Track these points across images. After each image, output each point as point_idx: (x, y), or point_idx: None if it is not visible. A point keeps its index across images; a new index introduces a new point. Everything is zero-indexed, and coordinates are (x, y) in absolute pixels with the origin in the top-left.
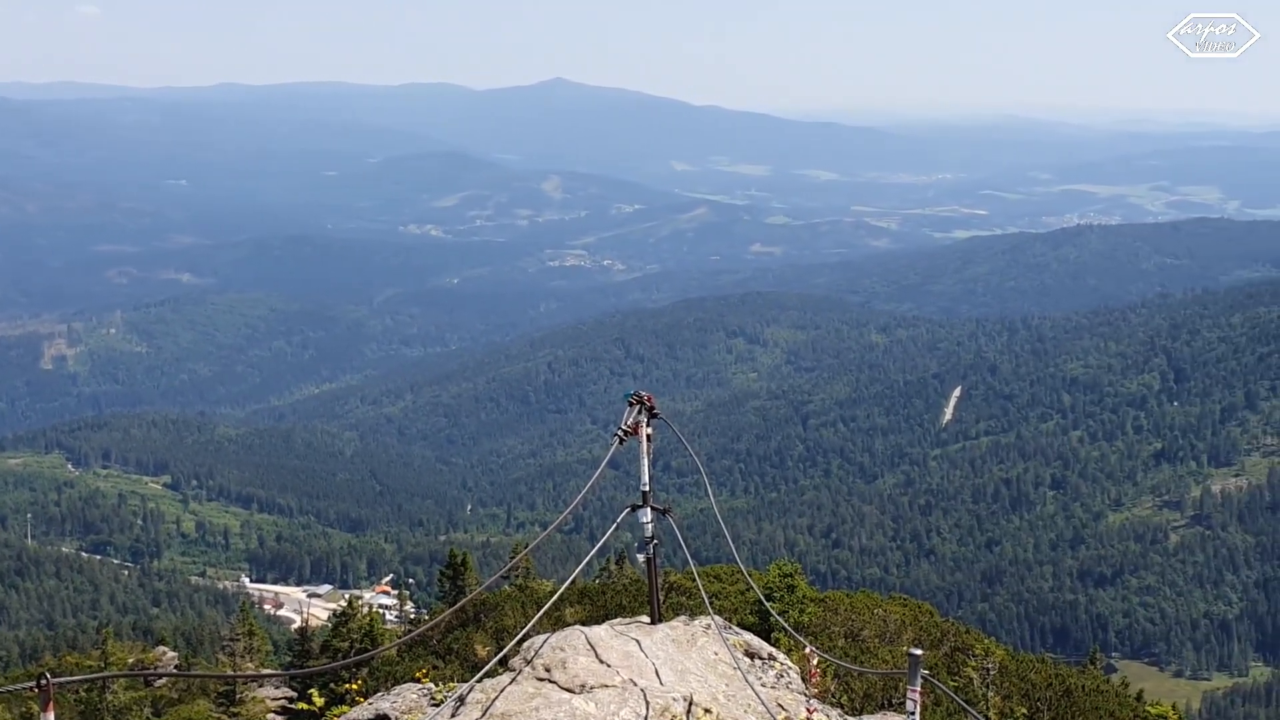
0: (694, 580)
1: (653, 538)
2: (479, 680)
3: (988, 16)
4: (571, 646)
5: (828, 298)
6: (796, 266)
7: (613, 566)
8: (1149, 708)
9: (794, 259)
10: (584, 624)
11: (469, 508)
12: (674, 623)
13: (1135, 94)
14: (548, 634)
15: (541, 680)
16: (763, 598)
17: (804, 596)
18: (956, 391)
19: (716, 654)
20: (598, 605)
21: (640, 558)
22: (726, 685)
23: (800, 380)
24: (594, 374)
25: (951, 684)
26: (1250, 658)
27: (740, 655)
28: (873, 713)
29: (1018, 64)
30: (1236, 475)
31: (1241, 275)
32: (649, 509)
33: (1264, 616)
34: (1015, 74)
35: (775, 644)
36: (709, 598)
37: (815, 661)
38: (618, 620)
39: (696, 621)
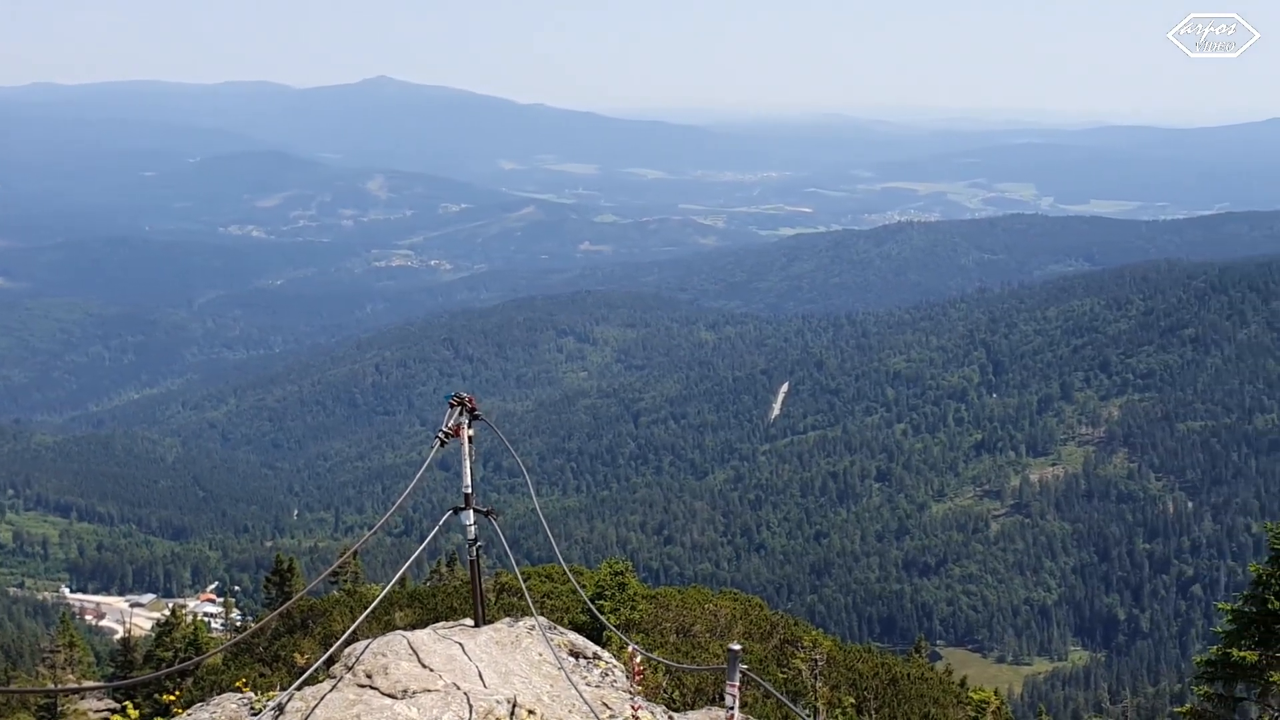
0: (524, 581)
1: (476, 540)
2: (299, 688)
3: (808, 17)
4: (393, 651)
5: (657, 296)
6: (626, 265)
7: (443, 569)
8: (972, 694)
9: (623, 257)
10: (414, 627)
11: (295, 512)
12: (498, 625)
13: (952, 93)
14: (369, 639)
15: (363, 686)
16: (586, 598)
17: (635, 594)
18: (784, 387)
19: (541, 655)
20: (428, 608)
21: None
22: (551, 686)
23: (631, 378)
24: (422, 375)
25: (781, 676)
26: (1069, 642)
27: (565, 655)
28: (704, 707)
29: (838, 64)
30: (1053, 464)
31: (1055, 269)
32: (472, 511)
33: (1081, 601)
34: (836, 74)
35: (607, 642)
36: (542, 598)
37: (639, 659)
38: (440, 624)
39: (521, 623)
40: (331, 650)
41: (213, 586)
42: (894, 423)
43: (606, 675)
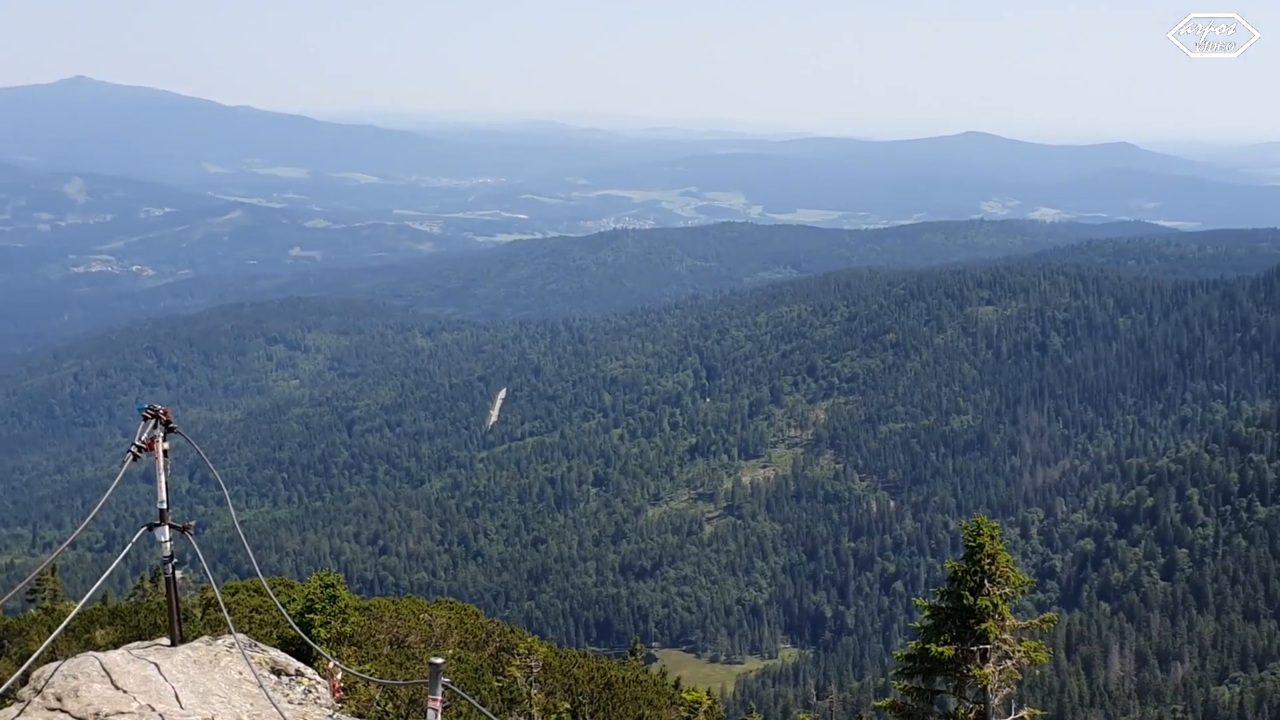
0: (233, 596)
1: (171, 557)
2: None
3: (515, 22)
4: (84, 673)
5: (371, 302)
6: (338, 270)
7: (147, 585)
8: (685, 694)
9: (335, 263)
10: (116, 646)
11: None
12: (196, 643)
13: (661, 103)
14: (59, 661)
15: (53, 710)
16: (287, 614)
17: (347, 606)
18: (502, 393)
19: (241, 673)
20: (130, 625)
21: (179, 576)
22: (251, 705)
23: (344, 386)
24: (125, 385)
25: (496, 684)
26: (779, 640)
27: (266, 673)
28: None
29: (549, 71)
30: (764, 466)
31: (765, 276)
32: (168, 527)
33: (790, 600)
34: (547, 81)
35: (318, 657)
36: (251, 612)
37: (339, 676)
38: (135, 644)
39: (221, 641)
40: (21, 670)
41: None
42: (611, 428)
43: (310, 692)
